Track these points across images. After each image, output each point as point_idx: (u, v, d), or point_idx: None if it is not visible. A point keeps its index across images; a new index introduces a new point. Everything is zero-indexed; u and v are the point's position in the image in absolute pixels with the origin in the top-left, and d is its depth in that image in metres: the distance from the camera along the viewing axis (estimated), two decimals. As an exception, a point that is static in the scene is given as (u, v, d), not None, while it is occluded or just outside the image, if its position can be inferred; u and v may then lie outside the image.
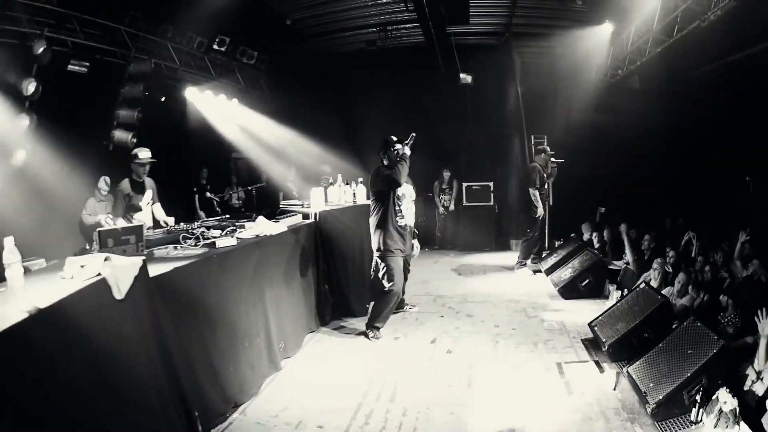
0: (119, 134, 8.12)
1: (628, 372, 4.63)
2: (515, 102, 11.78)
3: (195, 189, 10.21)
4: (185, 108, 10.29)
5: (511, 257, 10.22)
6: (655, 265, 6.31)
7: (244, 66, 10.70)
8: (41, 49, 6.48)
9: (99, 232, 3.50)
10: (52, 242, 6.03)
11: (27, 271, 2.68)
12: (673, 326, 4.95)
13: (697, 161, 10.99)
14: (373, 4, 9.76)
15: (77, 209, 6.98)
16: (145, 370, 2.91)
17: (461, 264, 10.01)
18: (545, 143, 11.55)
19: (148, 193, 6.24)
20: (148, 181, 6.30)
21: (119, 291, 2.76)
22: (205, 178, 10.49)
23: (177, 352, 3.27)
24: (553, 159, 9.55)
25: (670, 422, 3.95)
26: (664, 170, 10.95)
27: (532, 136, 11.86)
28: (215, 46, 9.62)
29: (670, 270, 6.52)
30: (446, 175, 11.84)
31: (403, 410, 3.99)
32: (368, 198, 6.86)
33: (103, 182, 7.13)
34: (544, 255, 9.96)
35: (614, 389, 4.55)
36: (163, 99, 9.71)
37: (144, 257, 3.23)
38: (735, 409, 3.67)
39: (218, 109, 10.53)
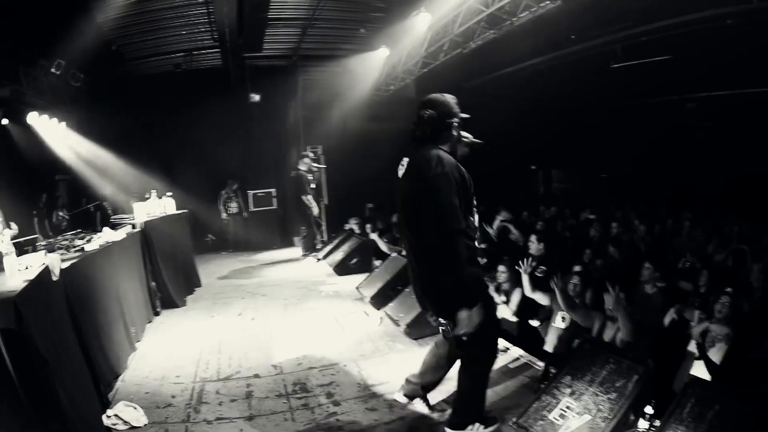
0: None
1: (386, 312, 6.44)
2: (295, 117, 13.37)
3: (34, 212, 10.38)
4: (29, 133, 10.37)
5: (296, 251, 12.02)
6: None
7: (72, 88, 10.74)
8: None
9: (16, 242, 4.23)
10: None
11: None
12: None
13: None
14: (187, 33, 10.76)
15: None
16: (72, 334, 4.02)
17: (254, 260, 11.59)
18: (320, 152, 13.30)
19: None
20: None
21: (55, 275, 3.93)
22: (43, 201, 10.67)
23: (82, 325, 4.28)
24: (315, 165, 11.12)
25: (427, 339, 5.33)
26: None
27: (308, 147, 13.25)
28: (53, 70, 9.63)
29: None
30: (233, 185, 12.94)
31: (229, 356, 5.45)
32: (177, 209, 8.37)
33: None
34: (322, 246, 11.54)
35: (379, 325, 6.24)
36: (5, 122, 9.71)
37: (60, 256, 4.36)
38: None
39: (52, 132, 10.68)
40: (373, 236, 9.98)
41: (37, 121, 10.16)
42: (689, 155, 14.98)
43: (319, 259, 10.87)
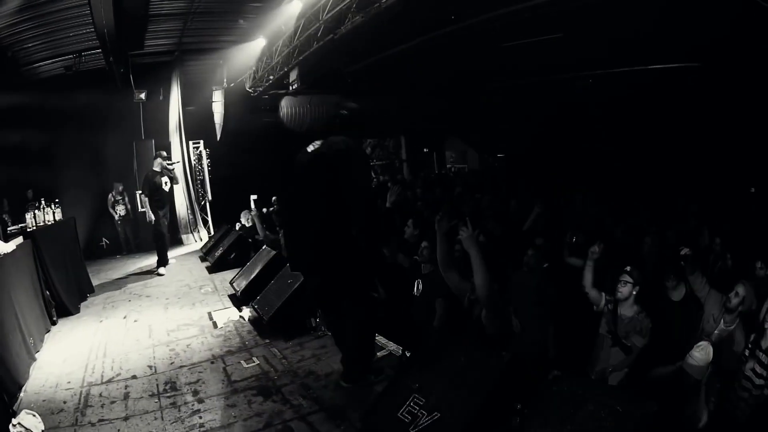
0: None
1: (253, 305, 6.77)
2: (176, 113, 13.67)
3: None
4: None
5: (186, 249, 12.75)
6: None
7: None
8: None
9: None
10: None
11: None
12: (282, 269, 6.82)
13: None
14: (74, 34, 10.85)
15: None
16: None
17: (145, 263, 11.91)
18: (201, 146, 13.93)
19: None
20: None
21: None
22: None
23: None
24: (168, 162, 10.38)
25: (294, 331, 5.88)
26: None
27: (191, 142, 13.95)
28: None
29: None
30: (119, 186, 13.11)
31: (112, 359, 5.98)
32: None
33: None
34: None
35: (248, 320, 6.70)
36: None
37: None
38: None
39: None
40: (253, 214, 10.63)
41: None
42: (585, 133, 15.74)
43: (201, 257, 11.45)
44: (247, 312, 6.98)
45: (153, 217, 10.06)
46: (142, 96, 13.46)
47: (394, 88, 15.95)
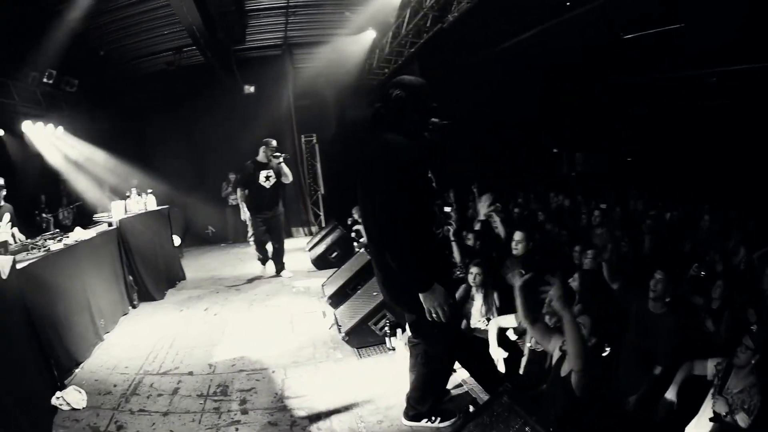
0: None
1: (336, 314, 6.13)
2: (287, 106, 13.67)
3: (36, 212, 11.07)
4: (23, 140, 11.01)
5: (295, 242, 12.46)
6: None
7: (67, 94, 11.45)
8: None
9: None
10: None
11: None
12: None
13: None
14: (169, 33, 11.15)
15: None
16: (21, 327, 4.58)
17: (247, 253, 11.43)
18: (314, 140, 13.76)
19: (6, 216, 7.28)
20: (6, 206, 7.35)
21: (3, 273, 4.48)
22: (43, 202, 11.37)
23: (36, 318, 4.85)
24: (277, 154, 8.72)
25: (370, 349, 5.33)
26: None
27: (302, 136, 13.87)
28: (45, 79, 10.28)
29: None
30: (232, 177, 13.20)
31: (176, 351, 5.86)
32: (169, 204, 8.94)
33: None
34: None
35: (330, 328, 6.09)
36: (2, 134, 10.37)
37: (14, 257, 4.97)
38: None
39: (48, 138, 11.31)
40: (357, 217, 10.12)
41: (31, 128, 10.85)
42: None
43: (307, 251, 10.90)
44: (329, 320, 6.43)
45: (247, 216, 8.81)
46: (252, 89, 13.47)
47: (510, 82, 14.68)
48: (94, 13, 9.28)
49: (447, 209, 8.18)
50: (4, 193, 7.51)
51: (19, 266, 4.93)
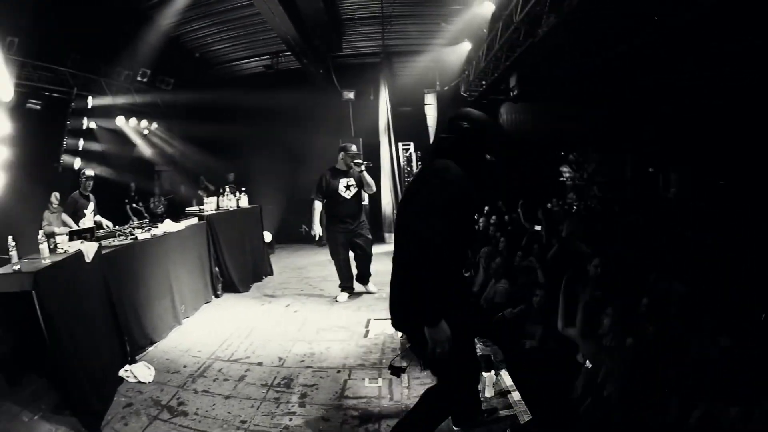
0: (67, 158, 9.71)
1: None
2: (385, 113, 13.62)
3: (126, 200, 11.87)
4: (116, 133, 11.95)
5: (380, 248, 11.89)
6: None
7: (163, 92, 12.38)
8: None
9: (70, 231, 5.58)
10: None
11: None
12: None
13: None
14: (266, 39, 11.68)
15: (35, 218, 8.29)
16: (99, 305, 5.01)
17: None
18: (411, 148, 13.67)
19: (90, 205, 8.07)
20: (91, 196, 8.16)
21: (88, 257, 4.90)
22: (133, 190, 12.16)
23: (116, 299, 5.31)
24: (358, 161, 7.70)
25: None
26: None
27: (400, 144, 13.85)
28: (139, 78, 11.24)
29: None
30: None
31: (251, 342, 6.06)
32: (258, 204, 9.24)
33: (54, 197, 8.35)
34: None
35: (401, 337, 5.93)
36: (99, 126, 11.34)
37: (99, 243, 5.38)
38: (488, 355, 4.73)
39: (142, 132, 12.24)
40: None
41: (125, 123, 11.71)
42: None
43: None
44: None
45: (318, 231, 7.85)
46: (351, 95, 13.67)
47: (602, 98, 13.84)
48: (188, 18, 10.03)
49: (537, 228, 8.00)
50: (91, 183, 8.23)
51: (104, 251, 5.38)
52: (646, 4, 8.61)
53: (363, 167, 7.68)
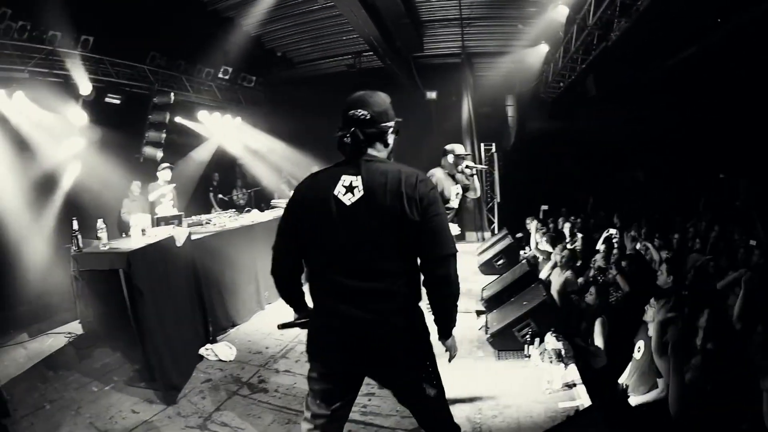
0: (149, 150, 10.23)
1: (487, 316, 6.19)
2: (468, 113, 13.62)
3: (210, 189, 12.41)
4: (201, 126, 12.36)
5: (468, 247, 12.09)
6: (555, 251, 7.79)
7: (245, 89, 12.87)
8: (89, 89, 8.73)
9: (157, 218, 6.06)
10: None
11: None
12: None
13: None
14: (348, 39, 11.86)
15: (116, 206, 8.70)
16: (187, 287, 5.34)
17: None
18: (493, 149, 13.46)
19: (170, 194, 8.50)
20: (170, 185, 8.56)
21: (179, 242, 5.24)
22: (216, 180, 12.67)
23: (203, 282, 5.65)
24: (469, 164, 6.45)
25: (509, 353, 5.32)
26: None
27: (482, 144, 13.69)
28: (220, 75, 11.75)
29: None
30: None
31: None
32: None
33: (135, 185, 8.70)
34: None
35: (479, 329, 6.07)
36: (181, 120, 11.81)
37: (189, 229, 5.75)
38: (558, 349, 4.75)
39: (225, 126, 12.58)
40: (531, 226, 10.01)
41: (207, 117, 12.07)
42: None
43: (476, 255, 10.62)
44: (481, 321, 6.42)
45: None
46: (433, 95, 13.68)
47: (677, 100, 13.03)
48: (270, 19, 10.30)
49: (613, 231, 8.05)
50: (170, 173, 8.57)
51: (194, 237, 5.72)
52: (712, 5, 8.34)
53: (475, 170, 6.53)
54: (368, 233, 2.43)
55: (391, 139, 2.72)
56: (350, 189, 2.47)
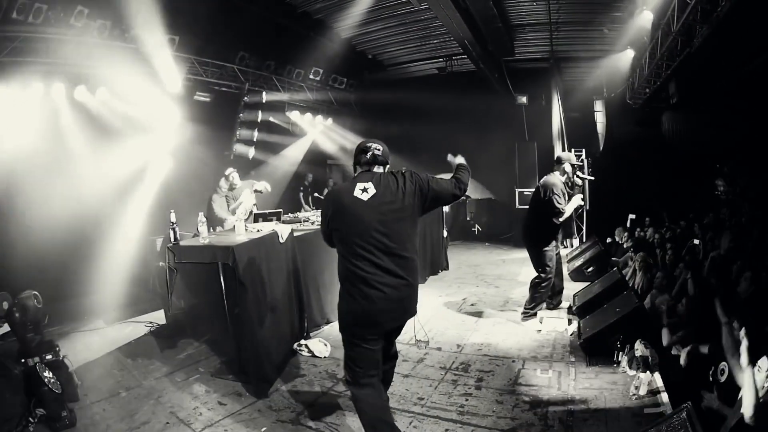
0: (240, 147, 10.60)
1: (580, 323, 6.26)
2: (558, 118, 13.42)
3: (300, 189, 12.71)
4: (294, 125, 12.81)
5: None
6: (637, 258, 7.79)
7: (336, 90, 13.13)
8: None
9: (256, 213, 6.32)
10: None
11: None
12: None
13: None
14: (438, 42, 12.00)
15: (202, 202, 8.49)
16: (287, 283, 5.42)
17: (509, 256, 11.93)
18: (583, 155, 12.99)
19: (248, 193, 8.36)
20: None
21: (282, 238, 5.34)
22: (309, 180, 12.97)
23: (302, 278, 5.72)
24: (579, 174, 6.62)
25: (600, 359, 5.32)
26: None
27: (572, 149, 13.10)
28: (311, 76, 12.04)
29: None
30: None
31: (429, 329, 6.20)
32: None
33: (224, 181, 8.28)
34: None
35: (571, 334, 6.21)
36: (273, 120, 12.24)
37: (292, 226, 5.85)
38: (646, 357, 4.77)
39: (316, 126, 12.94)
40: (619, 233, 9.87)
41: (299, 118, 12.38)
42: None
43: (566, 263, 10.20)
44: (572, 327, 6.51)
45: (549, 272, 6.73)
46: (524, 99, 13.60)
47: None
48: (362, 22, 10.48)
49: (696, 242, 8.01)
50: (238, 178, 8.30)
51: (296, 234, 5.83)
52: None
53: (586, 180, 6.72)
54: (382, 218, 3.36)
55: (387, 166, 3.65)
56: (364, 190, 3.41)
